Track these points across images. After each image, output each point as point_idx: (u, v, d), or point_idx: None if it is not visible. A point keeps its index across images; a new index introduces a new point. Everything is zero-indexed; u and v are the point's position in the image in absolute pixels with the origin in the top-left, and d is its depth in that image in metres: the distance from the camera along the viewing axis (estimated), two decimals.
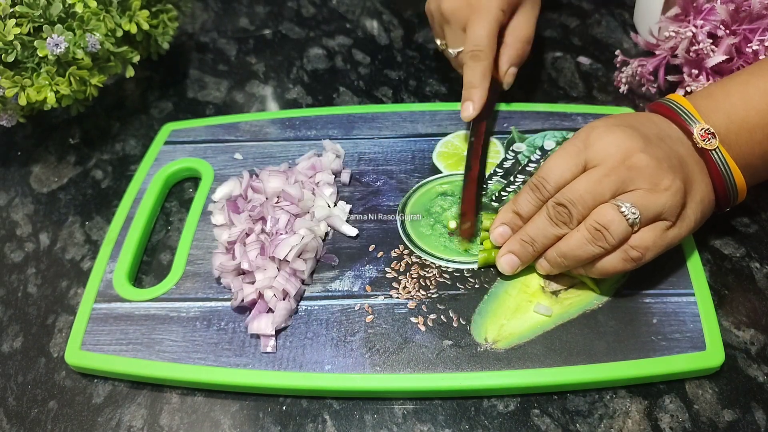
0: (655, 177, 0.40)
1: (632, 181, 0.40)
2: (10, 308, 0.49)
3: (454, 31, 0.55)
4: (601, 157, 0.41)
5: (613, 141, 0.41)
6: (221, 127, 0.59)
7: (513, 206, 0.45)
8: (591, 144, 0.42)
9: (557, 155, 0.43)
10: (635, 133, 0.41)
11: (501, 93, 0.57)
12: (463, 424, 0.40)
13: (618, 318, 0.43)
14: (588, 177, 0.41)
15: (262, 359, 0.42)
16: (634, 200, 0.39)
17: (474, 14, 0.53)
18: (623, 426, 0.39)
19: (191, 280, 0.47)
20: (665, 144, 0.42)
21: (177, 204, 0.55)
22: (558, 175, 0.42)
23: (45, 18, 0.52)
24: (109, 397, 0.43)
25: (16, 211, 0.56)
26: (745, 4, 0.52)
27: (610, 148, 0.41)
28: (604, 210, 0.40)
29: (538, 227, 0.43)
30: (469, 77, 0.53)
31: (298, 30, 0.72)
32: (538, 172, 0.43)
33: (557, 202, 0.42)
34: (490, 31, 0.53)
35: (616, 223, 0.39)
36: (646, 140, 0.41)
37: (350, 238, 0.49)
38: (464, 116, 0.53)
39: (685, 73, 0.56)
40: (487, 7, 0.53)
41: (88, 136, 0.62)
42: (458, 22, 0.55)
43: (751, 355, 0.42)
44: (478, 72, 0.53)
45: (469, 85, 0.53)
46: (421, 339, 0.43)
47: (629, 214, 0.39)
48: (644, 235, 0.40)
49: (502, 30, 0.55)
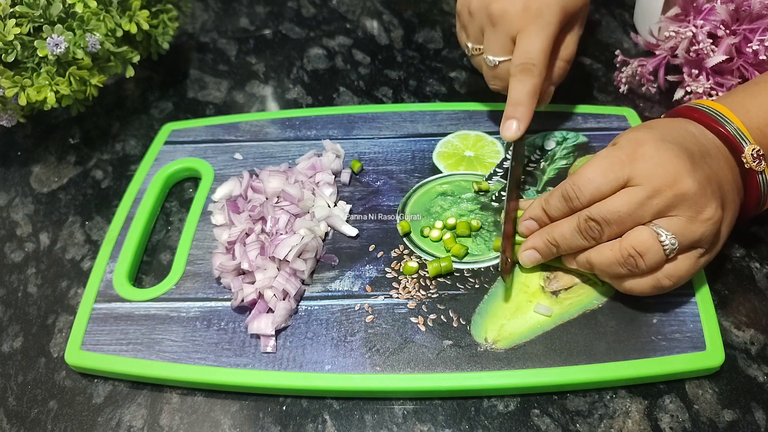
0: (698, 206, 0.38)
1: (675, 207, 0.38)
2: (10, 308, 0.49)
3: (500, 38, 0.49)
4: (647, 177, 0.38)
5: (661, 161, 0.38)
6: (221, 127, 0.59)
7: (543, 204, 0.43)
8: (637, 160, 0.39)
9: (597, 164, 0.40)
10: (683, 153, 0.39)
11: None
12: (463, 424, 0.40)
13: (618, 318, 0.43)
14: (630, 197, 0.38)
15: (262, 359, 0.42)
16: (674, 229, 0.38)
17: (531, 23, 0.48)
18: (623, 426, 0.39)
19: (191, 280, 0.47)
20: (707, 164, 0.40)
21: (177, 204, 0.55)
22: (595, 188, 0.40)
23: (45, 18, 0.52)
24: (109, 397, 0.43)
25: (16, 211, 0.56)
26: (745, 4, 0.52)
27: (658, 169, 0.38)
28: (643, 236, 0.38)
29: (565, 236, 0.41)
30: (516, 93, 0.48)
31: (298, 30, 0.72)
32: (574, 179, 0.41)
33: (591, 217, 0.40)
34: (548, 46, 0.48)
35: (653, 252, 0.38)
36: (693, 161, 0.39)
37: (350, 238, 0.49)
38: (506, 136, 0.48)
39: (685, 73, 0.56)
40: (547, 17, 0.48)
41: (88, 136, 0.62)
42: (509, 28, 0.48)
43: (751, 355, 0.42)
44: (528, 89, 0.48)
45: (515, 102, 0.48)
46: (421, 339, 0.43)
47: (668, 244, 0.38)
48: (679, 264, 0.39)
49: (554, 47, 0.50)
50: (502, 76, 0.51)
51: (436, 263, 0.46)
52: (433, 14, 0.73)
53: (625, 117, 0.56)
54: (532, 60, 0.47)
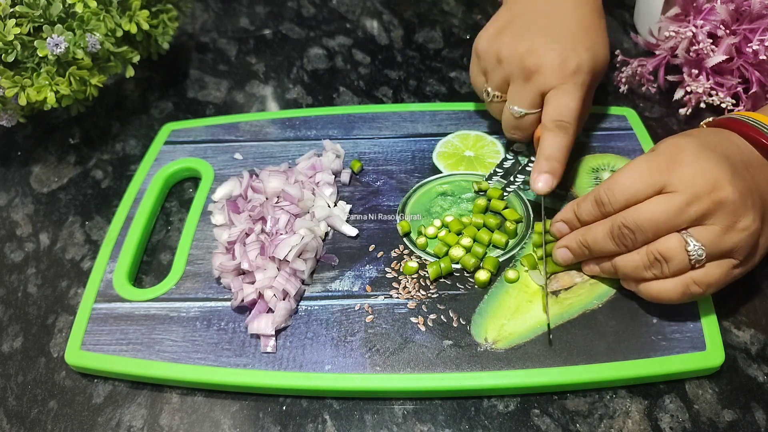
0: (735, 215, 0.37)
1: (713, 215, 0.37)
2: (10, 308, 0.49)
3: (530, 92, 0.48)
4: (685, 184, 0.37)
5: (701, 168, 0.37)
6: (221, 127, 0.59)
7: (575, 207, 0.43)
8: (676, 166, 0.38)
9: (633, 168, 0.39)
10: (723, 161, 0.38)
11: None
12: (463, 424, 0.40)
13: (618, 318, 0.43)
14: (668, 204, 0.37)
15: (262, 359, 0.42)
16: (705, 239, 0.37)
17: (567, 81, 0.47)
18: (623, 426, 0.39)
19: (191, 280, 0.47)
20: (749, 174, 0.39)
21: (177, 204, 0.55)
22: (630, 193, 0.39)
23: (45, 18, 0.52)
24: (109, 397, 0.43)
25: (16, 211, 0.56)
26: (745, 4, 0.52)
27: (697, 176, 0.37)
28: (670, 241, 0.38)
29: (598, 241, 0.41)
30: (551, 149, 0.46)
31: (298, 30, 0.72)
32: (609, 184, 0.40)
33: (625, 224, 0.39)
34: (580, 105, 0.47)
35: (678, 258, 0.38)
36: (734, 170, 0.38)
37: (350, 238, 0.49)
38: (539, 189, 0.46)
39: (685, 73, 0.56)
40: (582, 76, 0.47)
41: (88, 136, 0.62)
42: (542, 85, 0.47)
43: (751, 355, 0.42)
44: (564, 146, 0.46)
45: (550, 157, 0.46)
46: (421, 339, 0.43)
47: (694, 254, 0.37)
48: (710, 271, 0.38)
49: None
50: (525, 127, 0.50)
51: (436, 265, 0.46)
52: (433, 14, 0.73)
53: (625, 117, 0.56)
54: (567, 118, 0.46)
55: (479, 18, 0.72)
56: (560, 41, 0.48)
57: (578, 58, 0.47)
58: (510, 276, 0.45)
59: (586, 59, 0.47)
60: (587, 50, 0.48)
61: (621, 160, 0.53)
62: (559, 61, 0.47)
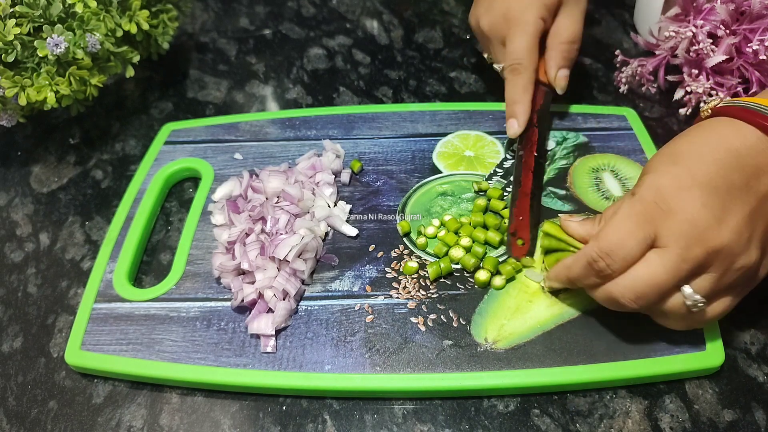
0: (732, 257, 0.35)
1: (708, 265, 0.35)
2: (10, 308, 0.49)
3: (496, 47, 0.55)
4: (675, 236, 0.35)
5: (688, 216, 0.35)
6: (221, 127, 0.59)
7: (568, 273, 0.40)
8: (662, 216, 0.36)
9: (619, 227, 0.36)
10: (713, 197, 0.35)
11: (555, 97, 0.55)
12: (463, 424, 0.40)
13: (618, 318, 0.42)
14: (663, 265, 0.35)
15: (262, 359, 0.42)
16: (704, 290, 0.36)
17: (511, 28, 0.52)
18: (623, 426, 0.39)
19: (191, 280, 0.47)
20: (751, 191, 0.35)
21: (177, 204, 0.55)
22: (626, 252, 0.36)
23: (45, 18, 0.52)
24: (109, 397, 0.43)
25: (16, 211, 0.56)
26: (745, 4, 0.52)
27: (684, 225, 0.35)
28: (669, 303, 0.37)
29: (597, 297, 0.39)
30: (510, 93, 0.52)
31: (298, 30, 0.72)
32: (600, 245, 0.37)
33: (625, 295, 0.37)
34: (528, 43, 0.52)
35: (680, 313, 0.37)
36: (725, 205, 0.35)
37: (350, 238, 0.49)
38: (510, 134, 0.52)
39: (685, 73, 0.56)
40: (523, 18, 0.52)
41: (88, 136, 0.62)
42: (497, 37, 0.54)
43: (751, 355, 0.42)
44: (519, 86, 0.52)
45: (511, 101, 0.52)
46: (421, 339, 0.43)
47: (693, 306, 0.36)
48: (713, 309, 0.37)
49: (545, 35, 0.54)
50: None
51: (436, 265, 0.46)
52: (433, 14, 0.73)
53: (625, 117, 0.56)
54: (517, 59, 0.52)
55: None
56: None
57: (519, 3, 0.52)
58: (496, 283, 0.45)
59: (529, 2, 0.52)
60: None
61: (621, 160, 0.53)
62: (501, 14, 0.53)
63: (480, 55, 0.67)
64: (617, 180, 0.51)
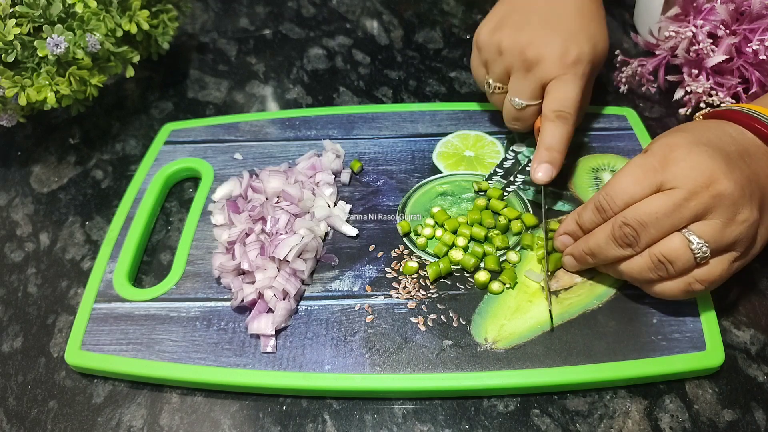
0: (735, 207, 0.37)
1: (712, 209, 0.37)
2: (10, 308, 0.49)
3: (531, 83, 0.48)
4: (682, 179, 0.37)
5: (696, 163, 0.37)
6: (221, 127, 0.59)
7: (576, 217, 0.43)
8: (670, 164, 0.38)
9: (629, 172, 0.39)
10: (718, 153, 0.38)
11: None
12: (463, 424, 0.40)
13: (618, 318, 0.43)
14: (667, 199, 0.37)
15: (262, 359, 0.42)
16: (708, 235, 0.37)
17: (568, 72, 0.47)
18: (623, 426, 0.39)
19: (191, 280, 0.47)
20: (745, 164, 0.38)
21: (177, 204, 0.55)
22: (628, 196, 0.39)
23: (45, 18, 0.52)
24: (109, 397, 0.43)
25: (16, 211, 0.56)
26: (745, 4, 0.52)
27: (692, 171, 0.37)
28: (673, 242, 0.37)
29: (600, 245, 0.41)
30: (551, 139, 0.47)
31: (298, 30, 0.72)
32: (606, 189, 0.40)
33: (626, 222, 0.38)
34: (580, 95, 0.48)
35: (683, 259, 0.37)
36: (729, 162, 0.37)
37: (350, 238, 0.49)
38: (539, 179, 0.47)
39: (685, 73, 0.56)
40: (582, 67, 0.48)
41: (88, 136, 0.62)
42: (543, 75, 0.48)
43: (751, 355, 0.42)
44: (564, 136, 0.47)
45: (550, 147, 0.47)
46: (421, 339, 0.43)
47: (698, 252, 0.37)
48: (712, 269, 0.38)
49: None
50: (525, 118, 0.50)
51: (436, 265, 0.46)
52: (433, 14, 0.73)
53: (625, 117, 0.56)
54: (567, 108, 0.47)
55: (479, 18, 0.72)
56: (560, 32, 0.48)
57: (578, 48, 0.47)
58: (494, 288, 0.45)
59: (587, 50, 0.48)
60: (587, 40, 0.48)
61: (621, 160, 0.53)
62: (559, 52, 0.47)
63: None
64: None
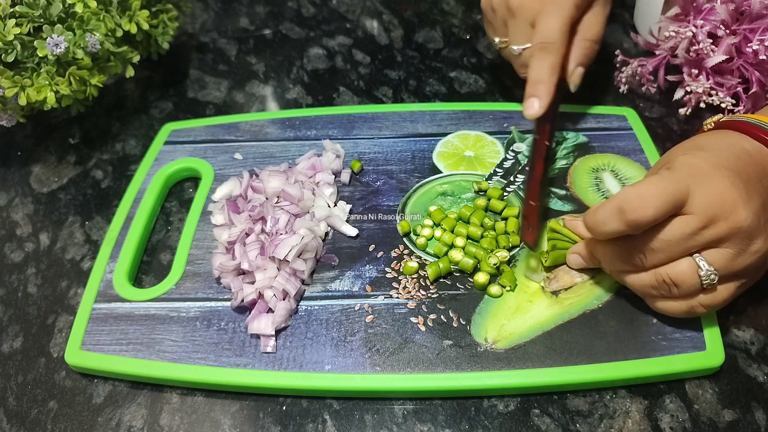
0: (749, 239, 0.36)
1: (727, 239, 0.36)
2: (10, 308, 0.49)
3: (520, 26, 0.51)
4: (701, 207, 0.36)
5: (717, 191, 0.36)
6: (221, 127, 0.59)
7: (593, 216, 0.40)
8: (693, 188, 0.36)
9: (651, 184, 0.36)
10: (739, 180, 0.37)
11: (566, 95, 0.53)
12: (463, 424, 0.40)
13: (618, 318, 0.43)
14: (684, 227, 0.36)
15: (262, 359, 0.42)
16: (718, 263, 0.36)
17: (546, 6, 0.49)
18: (623, 426, 0.39)
19: (191, 280, 0.47)
20: (763, 186, 0.38)
21: (177, 204, 0.55)
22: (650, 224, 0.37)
23: (45, 18, 0.52)
24: (109, 397, 0.43)
25: (16, 211, 0.56)
26: (745, 4, 0.52)
27: (713, 199, 0.36)
28: (681, 266, 0.37)
29: (607, 258, 0.41)
30: (536, 72, 0.48)
31: (298, 30, 0.72)
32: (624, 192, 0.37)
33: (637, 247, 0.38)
34: (563, 25, 0.49)
35: (690, 283, 0.37)
36: (749, 188, 0.37)
37: (350, 238, 0.49)
38: (528, 114, 0.48)
39: (685, 73, 0.56)
40: (561, 0, 0.49)
41: (88, 136, 0.62)
42: (527, 15, 0.50)
43: (751, 355, 0.42)
44: (546, 66, 0.48)
45: (535, 80, 0.48)
46: (421, 339, 0.43)
47: (706, 278, 0.37)
48: (717, 295, 0.38)
49: (573, 27, 0.51)
50: (527, 62, 0.51)
51: (435, 266, 0.46)
52: (433, 14, 0.73)
53: (625, 117, 0.56)
54: (549, 38, 0.48)
55: (479, 18, 0.72)
56: None
57: None
58: (493, 291, 0.44)
59: None
60: None
61: (621, 160, 0.53)
62: None
63: (480, 55, 0.67)
64: (617, 180, 0.51)
